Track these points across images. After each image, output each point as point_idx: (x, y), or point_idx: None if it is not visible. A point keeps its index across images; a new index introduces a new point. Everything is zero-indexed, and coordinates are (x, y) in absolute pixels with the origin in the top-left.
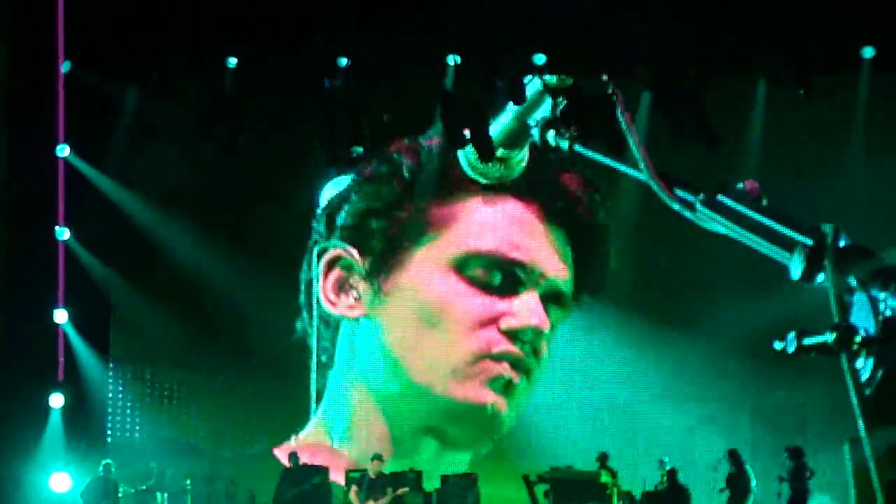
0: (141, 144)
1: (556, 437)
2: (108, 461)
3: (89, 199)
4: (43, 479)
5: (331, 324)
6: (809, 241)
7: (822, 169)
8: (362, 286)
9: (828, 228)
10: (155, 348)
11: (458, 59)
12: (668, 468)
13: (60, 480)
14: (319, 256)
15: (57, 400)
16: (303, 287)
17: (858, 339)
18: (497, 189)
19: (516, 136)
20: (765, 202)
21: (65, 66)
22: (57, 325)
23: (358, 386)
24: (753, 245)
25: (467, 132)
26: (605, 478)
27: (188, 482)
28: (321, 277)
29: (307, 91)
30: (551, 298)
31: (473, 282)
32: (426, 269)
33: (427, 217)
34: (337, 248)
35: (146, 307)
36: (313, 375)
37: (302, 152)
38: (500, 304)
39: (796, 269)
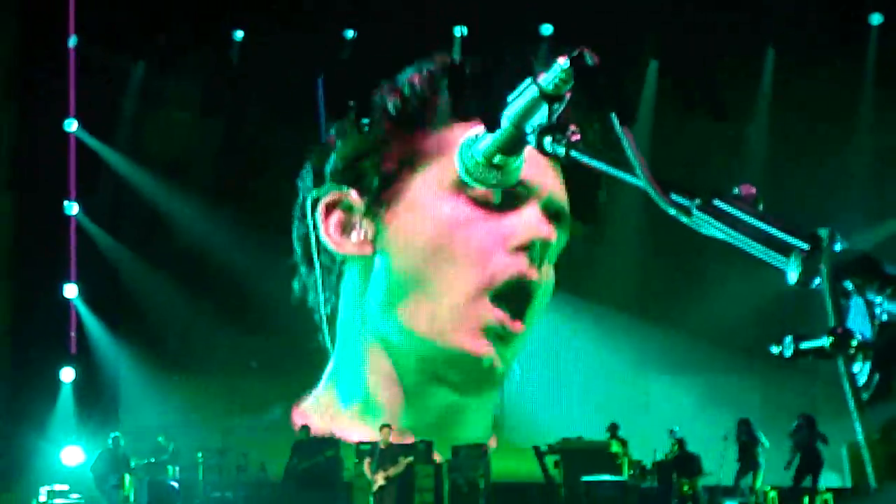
0: (149, 118)
1: (566, 408)
2: (117, 434)
3: (98, 173)
4: (55, 453)
5: (333, 271)
6: (805, 246)
7: (830, 139)
8: (365, 223)
9: (823, 233)
10: (164, 321)
11: (465, 30)
12: (678, 437)
13: (72, 454)
14: (314, 205)
15: (68, 374)
16: (297, 243)
17: (855, 343)
18: None
19: (513, 142)
20: (761, 206)
21: (72, 41)
22: (68, 299)
23: (364, 336)
24: (750, 250)
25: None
26: (615, 447)
27: (199, 455)
28: (322, 222)
29: (313, 63)
30: (552, 215)
31: (476, 202)
32: (427, 196)
33: (420, 148)
34: (332, 193)
35: (156, 280)
36: (325, 328)
37: (304, 125)
38: (505, 223)
39: (793, 273)
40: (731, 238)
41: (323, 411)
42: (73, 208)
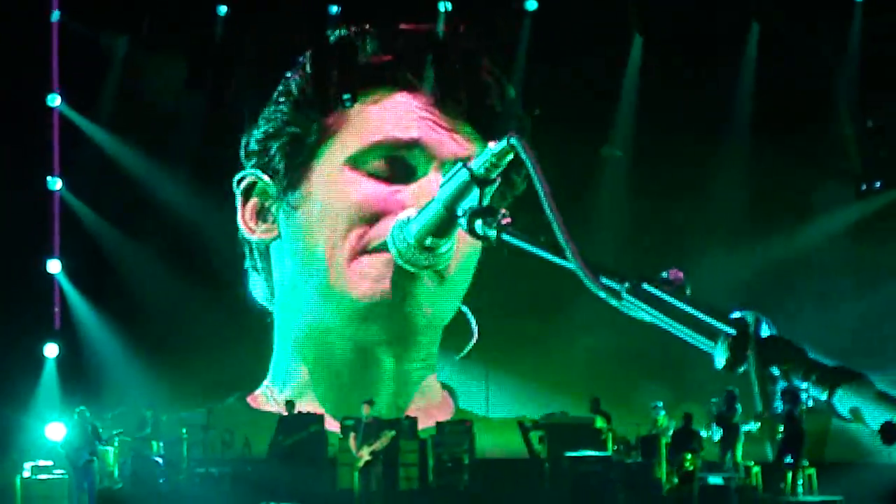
0: (133, 94)
1: (549, 383)
2: (82, 408)
3: (82, 148)
4: (39, 428)
5: (263, 253)
6: (732, 331)
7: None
8: (275, 208)
9: (750, 318)
10: (149, 296)
11: (450, 5)
12: (684, 412)
13: (56, 429)
14: (239, 183)
15: (52, 349)
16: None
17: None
18: (385, 87)
19: (444, 225)
20: (688, 291)
21: (54, 16)
22: (51, 274)
23: (292, 318)
24: (678, 334)
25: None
26: (599, 423)
27: (184, 430)
28: (240, 206)
29: (297, 39)
30: None
31: (373, 175)
32: (326, 175)
33: (320, 127)
34: (249, 176)
35: (139, 255)
36: (274, 311)
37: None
38: (404, 191)
39: (720, 358)
40: (659, 321)
41: (271, 398)
42: (56, 183)
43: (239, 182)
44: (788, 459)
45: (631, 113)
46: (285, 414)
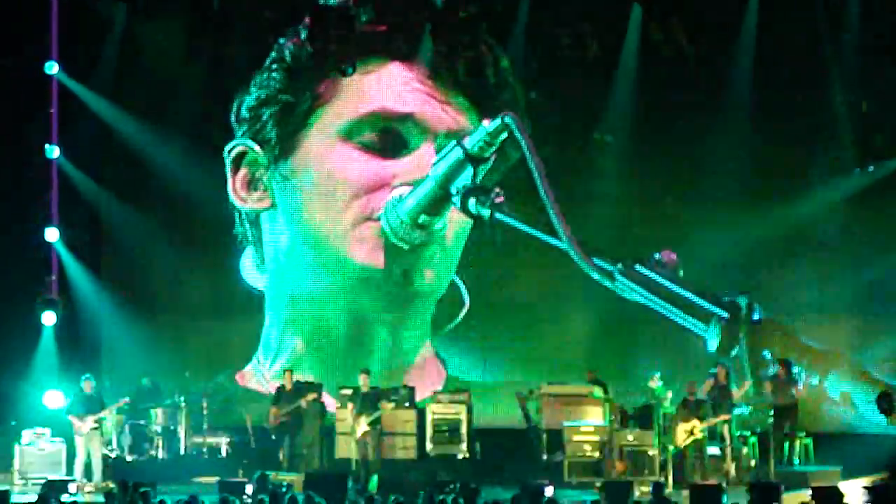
0: (131, 62)
1: (549, 353)
2: (88, 375)
3: (80, 116)
4: (37, 396)
5: (254, 222)
6: (725, 314)
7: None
8: (266, 177)
9: (743, 302)
10: (146, 265)
11: None
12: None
13: (54, 397)
14: (228, 154)
15: (49, 317)
16: (229, 192)
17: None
18: (379, 57)
19: (438, 203)
20: (681, 273)
21: None
22: (49, 243)
23: (284, 290)
24: (671, 315)
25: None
26: (597, 393)
27: (182, 399)
28: (230, 175)
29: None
30: None
31: (365, 147)
32: (318, 145)
33: (313, 95)
34: (240, 145)
35: (137, 224)
36: (266, 281)
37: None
38: (394, 165)
39: (713, 341)
40: (651, 303)
41: (261, 373)
42: (54, 151)
43: (229, 151)
44: (785, 429)
45: (627, 91)
46: (273, 390)
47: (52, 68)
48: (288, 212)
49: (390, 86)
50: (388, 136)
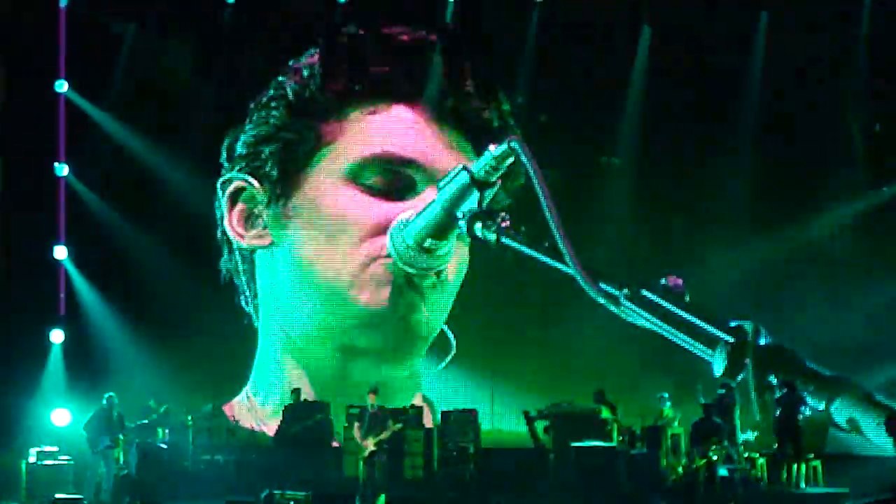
0: (140, 80)
1: (556, 373)
2: (111, 394)
3: (88, 134)
4: (45, 414)
5: (247, 258)
6: (731, 339)
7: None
8: (266, 214)
9: (749, 327)
10: (154, 283)
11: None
12: (702, 402)
13: (62, 415)
14: (223, 188)
15: (57, 335)
16: (219, 222)
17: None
18: (384, 98)
19: (444, 227)
20: (687, 298)
21: (62, 1)
22: (57, 260)
23: (278, 329)
24: (677, 341)
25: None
26: (605, 413)
27: (189, 417)
28: (227, 211)
29: (305, 27)
30: None
31: (370, 190)
32: (322, 185)
33: (316, 134)
34: (237, 180)
35: (145, 242)
36: (250, 311)
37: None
38: (398, 208)
39: (719, 366)
40: (657, 328)
41: (252, 408)
42: (62, 169)
43: (223, 185)
44: (788, 450)
45: (636, 113)
46: (268, 429)
47: (62, 87)
48: (288, 250)
49: (394, 129)
50: (393, 178)
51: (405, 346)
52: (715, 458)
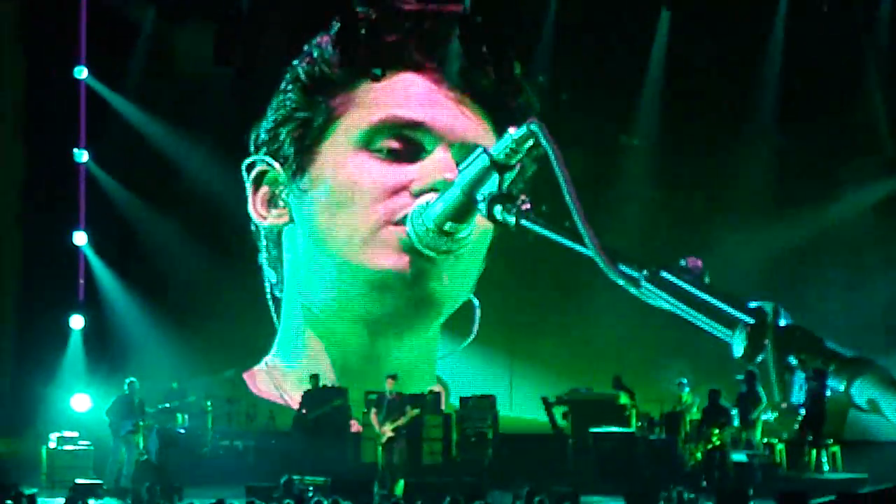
0: (159, 66)
1: (575, 359)
2: (132, 379)
3: (108, 120)
4: (65, 400)
5: (273, 240)
6: (751, 320)
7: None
8: (286, 193)
9: (768, 307)
10: (174, 268)
11: None
12: (710, 389)
13: (81, 401)
14: (248, 171)
15: (77, 321)
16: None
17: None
18: (392, 67)
19: (464, 210)
20: (707, 279)
21: None
22: (77, 246)
23: (301, 303)
24: (696, 322)
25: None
26: (623, 399)
27: (209, 403)
28: (251, 193)
29: (323, 11)
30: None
31: (381, 155)
32: (335, 157)
33: (328, 109)
34: (260, 164)
35: (165, 228)
36: (268, 291)
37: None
38: (410, 170)
39: (738, 347)
40: (677, 309)
41: (272, 375)
42: (82, 156)
43: (248, 169)
44: (809, 437)
45: (655, 95)
46: (288, 397)
47: (82, 73)
48: (305, 224)
49: (401, 93)
50: (401, 142)
51: (421, 312)
52: (718, 441)
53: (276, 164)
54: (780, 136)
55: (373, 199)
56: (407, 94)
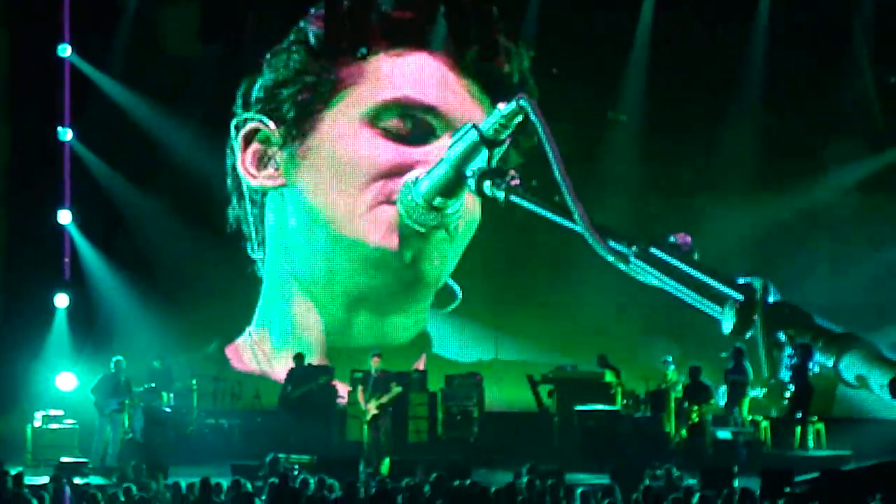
0: (144, 44)
1: (561, 337)
2: (119, 358)
3: (93, 99)
4: (49, 378)
5: (257, 202)
6: (740, 297)
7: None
8: (279, 155)
9: (758, 284)
10: (159, 247)
11: None
12: (691, 366)
13: (67, 379)
14: (237, 130)
15: (62, 300)
16: (229, 171)
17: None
18: (405, 44)
19: (453, 185)
20: (696, 255)
21: None
22: (62, 225)
23: (288, 270)
24: (686, 298)
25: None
26: (609, 377)
27: (194, 381)
28: (240, 151)
29: None
30: None
31: (387, 133)
32: (339, 127)
33: (336, 77)
34: (253, 122)
35: (150, 206)
36: (257, 260)
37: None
38: (416, 152)
39: (727, 323)
40: (666, 286)
41: (255, 348)
42: (67, 134)
43: (237, 126)
44: (798, 415)
45: (641, 72)
46: (270, 370)
47: (66, 51)
48: (300, 191)
49: (416, 74)
50: (410, 123)
51: (412, 293)
52: (697, 419)
53: (271, 124)
54: (766, 114)
55: (374, 175)
56: (421, 75)
